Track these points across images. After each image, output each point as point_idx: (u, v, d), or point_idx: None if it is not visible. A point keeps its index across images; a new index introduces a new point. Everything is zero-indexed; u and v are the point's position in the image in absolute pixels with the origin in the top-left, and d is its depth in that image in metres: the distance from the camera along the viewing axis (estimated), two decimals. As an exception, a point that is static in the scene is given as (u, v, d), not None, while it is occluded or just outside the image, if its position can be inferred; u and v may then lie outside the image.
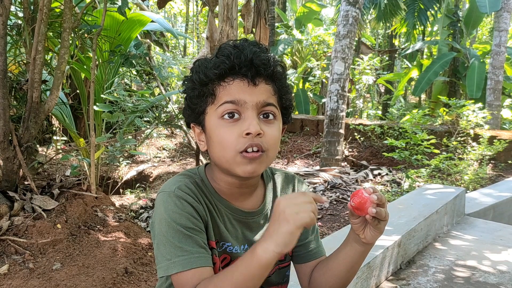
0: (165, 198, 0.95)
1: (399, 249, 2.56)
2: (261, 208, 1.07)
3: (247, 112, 0.93)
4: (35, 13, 3.11)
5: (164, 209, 0.93)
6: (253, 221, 1.06)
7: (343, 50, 6.08)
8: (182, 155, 7.85)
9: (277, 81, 0.99)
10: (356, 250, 1.01)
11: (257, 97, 0.94)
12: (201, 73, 0.96)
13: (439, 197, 3.37)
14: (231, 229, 1.03)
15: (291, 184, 1.16)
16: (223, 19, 4.61)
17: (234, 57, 0.93)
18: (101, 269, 2.49)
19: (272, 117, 0.96)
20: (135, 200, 5.31)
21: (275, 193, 1.12)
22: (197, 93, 0.97)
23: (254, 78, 0.94)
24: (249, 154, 0.92)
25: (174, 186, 0.96)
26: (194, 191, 0.98)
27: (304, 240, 1.13)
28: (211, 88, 0.95)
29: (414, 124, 6.24)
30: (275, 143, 0.97)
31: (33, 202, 2.96)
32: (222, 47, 0.97)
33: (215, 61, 0.95)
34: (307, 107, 10.78)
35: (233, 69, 0.93)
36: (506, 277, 2.48)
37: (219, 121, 0.94)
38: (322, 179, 5.45)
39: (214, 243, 0.99)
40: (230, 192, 1.03)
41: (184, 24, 21.34)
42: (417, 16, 11.34)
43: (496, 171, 6.05)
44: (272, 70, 0.97)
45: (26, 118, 2.97)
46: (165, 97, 6.32)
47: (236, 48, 0.95)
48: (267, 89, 0.96)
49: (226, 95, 0.93)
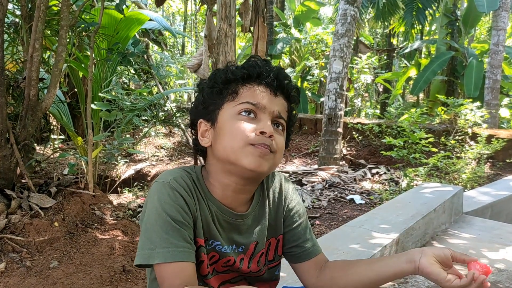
0: (160, 187, 0.96)
1: (397, 247, 2.56)
2: (250, 210, 1.07)
3: (264, 116, 0.98)
4: (33, 10, 3.09)
5: (157, 198, 0.94)
6: (243, 223, 1.06)
7: (341, 49, 6.08)
8: (180, 154, 7.84)
9: (291, 102, 1.06)
10: (401, 269, 1.00)
11: (275, 107, 1.00)
12: (228, 72, 1.00)
13: (437, 196, 3.37)
14: (220, 229, 1.03)
15: (277, 181, 1.16)
16: (221, 18, 4.60)
17: (262, 66, 1.01)
18: (98, 267, 2.48)
19: (281, 128, 1.03)
20: (133, 198, 5.30)
21: (263, 193, 1.12)
22: (217, 91, 1.00)
23: (276, 89, 1.01)
24: (260, 147, 0.95)
25: (170, 177, 0.98)
26: (189, 185, 0.99)
27: (297, 240, 1.13)
28: (234, 87, 1.00)
29: (412, 123, 6.24)
30: (282, 149, 1.01)
31: (30, 200, 2.95)
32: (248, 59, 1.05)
33: (243, 65, 1.01)
34: (305, 106, 10.78)
35: (261, 75, 1.00)
36: (504, 275, 2.48)
37: (236, 116, 0.97)
38: (320, 178, 5.45)
39: (202, 241, 0.99)
40: (223, 195, 1.03)
41: (182, 22, 21.30)
42: (415, 15, 11.34)
43: (494, 170, 6.06)
44: (292, 90, 1.05)
45: (23, 116, 2.96)
46: (163, 96, 6.32)
47: (264, 61, 1.03)
48: (283, 103, 1.03)
49: (249, 96, 0.98)
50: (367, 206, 4.58)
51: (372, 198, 4.85)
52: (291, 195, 1.16)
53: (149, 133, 7.47)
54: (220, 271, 1.04)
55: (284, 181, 1.17)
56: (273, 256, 1.12)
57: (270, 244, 1.12)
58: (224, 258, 1.03)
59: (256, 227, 1.08)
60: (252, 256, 1.07)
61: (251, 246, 1.06)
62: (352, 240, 2.46)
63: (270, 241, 1.11)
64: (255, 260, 1.08)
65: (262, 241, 1.09)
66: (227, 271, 1.05)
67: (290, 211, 1.14)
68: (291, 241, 1.13)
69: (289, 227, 1.13)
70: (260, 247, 1.08)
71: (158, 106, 6.10)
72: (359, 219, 2.92)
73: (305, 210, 1.18)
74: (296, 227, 1.13)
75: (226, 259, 1.03)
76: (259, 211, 1.09)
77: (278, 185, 1.15)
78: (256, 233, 1.08)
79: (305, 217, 1.16)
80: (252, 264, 1.07)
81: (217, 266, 1.04)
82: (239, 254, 1.05)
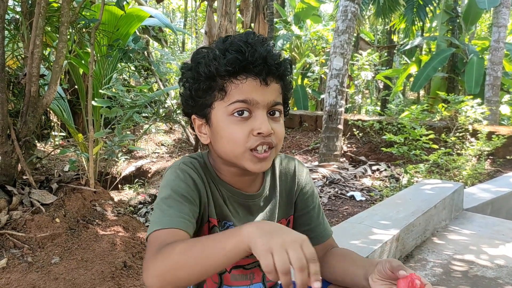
0: (171, 171, 0.99)
1: (398, 243, 2.57)
2: (260, 191, 1.08)
3: (258, 111, 0.93)
4: (33, 7, 3.09)
5: (166, 180, 0.97)
6: (253, 203, 1.07)
7: (341, 45, 6.07)
8: (180, 150, 7.85)
9: (284, 79, 1.00)
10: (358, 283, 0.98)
11: (268, 97, 0.94)
12: (211, 66, 0.93)
13: (437, 192, 3.37)
14: (233, 210, 1.04)
15: (291, 165, 1.16)
16: (222, 14, 4.60)
17: (248, 54, 0.91)
18: (99, 263, 2.49)
19: (278, 114, 0.98)
20: (133, 195, 5.31)
21: (274, 175, 1.12)
22: (204, 87, 0.95)
23: (266, 78, 0.93)
24: (260, 155, 0.93)
25: (180, 162, 1.01)
26: (198, 168, 1.01)
27: (310, 224, 1.13)
28: (220, 83, 0.93)
29: (413, 119, 6.24)
30: (282, 138, 1.00)
31: (32, 197, 2.95)
32: (232, 41, 0.94)
33: (227, 56, 0.91)
34: (305, 103, 10.77)
35: (247, 67, 0.91)
36: (504, 271, 2.49)
37: (229, 118, 0.93)
38: (321, 174, 5.45)
39: (216, 221, 1.01)
40: (231, 179, 1.04)
41: (183, 19, 21.26)
42: (416, 12, 11.31)
43: (494, 167, 6.07)
44: (283, 70, 0.97)
45: (24, 113, 2.97)
46: (164, 93, 6.32)
47: (249, 44, 0.92)
48: (276, 88, 0.97)
49: (238, 93, 0.92)
50: (367, 203, 4.58)
51: (372, 194, 4.86)
52: (305, 179, 1.16)
53: (150, 130, 7.47)
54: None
55: (298, 165, 1.17)
56: None
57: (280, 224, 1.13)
58: None
59: (266, 208, 1.09)
60: None
61: None
62: (352, 236, 2.46)
63: (281, 221, 1.12)
64: None
65: (273, 220, 1.10)
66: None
67: (304, 194, 1.15)
68: (304, 224, 1.13)
69: (302, 211, 1.14)
70: None
71: (158, 103, 6.09)
72: (359, 215, 2.92)
73: (317, 195, 1.18)
74: (309, 211, 1.14)
75: None
76: (270, 193, 1.10)
77: (292, 168, 1.15)
78: (267, 213, 1.09)
79: (318, 201, 1.16)
80: None
81: None
82: None
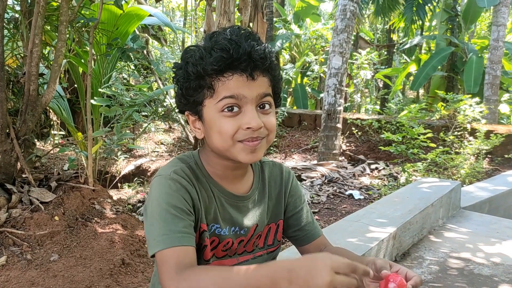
0: (161, 181, 0.98)
1: (394, 241, 2.58)
2: (250, 193, 1.11)
3: (247, 105, 0.95)
4: (32, 6, 3.10)
5: (158, 191, 0.96)
6: (243, 205, 1.10)
7: (340, 44, 6.08)
8: (180, 149, 7.86)
9: (272, 71, 1.01)
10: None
11: (255, 91, 0.95)
12: (198, 66, 0.95)
13: (434, 191, 3.39)
14: (222, 211, 1.06)
15: (279, 170, 1.20)
16: (221, 13, 4.61)
17: (233, 51, 0.92)
18: (98, 261, 2.51)
19: (268, 107, 0.99)
20: (133, 193, 5.32)
21: (263, 180, 1.16)
22: (194, 86, 0.97)
23: (252, 73, 0.94)
24: (250, 143, 0.95)
25: (170, 170, 1.00)
26: (189, 175, 1.01)
27: (300, 224, 1.18)
28: (208, 81, 0.95)
29: (412, 118, 6.25)
30: (274, 129, 1.01)
31: (31, 195, 2.97)
32: (216, 39, 0.96)
33: (213, 55, 0.93)
34: (305, 102, 10.78)
35: (232, 64, 0.93)
36: (500, 269, 2.51)
37: (219, 114, 0.95)
38: (320, 173, 5.47)
39: (205, 225, 1.02)
40: (224, 175, 1.06)
41: (182, 18, 21.22)
42: (415, 10, 11.32)
43: (492, 165, 6.08)
44: (269, 63, 0.98)
45: (23, 111, 2.98)
46: (163, 92, 6.32)
47: (233, 42, 0.93)
48: (264, 81, 0.98)
49: (225, 90, 0.94)
50: (366, 201, 4.59)
51: (370, 193, 4.87)
52: (292, 182, 1.21)
53: (149, 128, 7.48)
54: (219, 256, 1.07)
55: (285, 170, 1.21)
56: (273, 241, 1.16)
57: (270, 229, 1.16)
58: (223, 241, 1.06)
59: (256, 211, 1.12)
60: (250, 238, 1.11)
61: (251, 229, 1.10)
62: (349, 234, 2.48)
63: (270, 226, 1.16)
64: (252, 242, 1.12)
65: (261, 224, 1.13)
66: (225, 256, 1.08)
67: (292, 196, 1.19)
68: (294, 225, 1.18)
69: (292, 212, 1.19)
70: (258, 229, 1.12)
71: (157, 102, 6.11)
72: (357, 213, 2.94)
73: (304, 195, 1.23)
74: (298, 212, 1.19)
75: (225, 241, 1.06)
76: (259, 196, 1.13)
77: (279, 173, 1.20)
78: (256, 216, 1.12)
79: (305, 202, 1.22)
80: (248, 245, 1.11)
81: (217, 252, 1.06)
82: (239, 236, 1.08)
